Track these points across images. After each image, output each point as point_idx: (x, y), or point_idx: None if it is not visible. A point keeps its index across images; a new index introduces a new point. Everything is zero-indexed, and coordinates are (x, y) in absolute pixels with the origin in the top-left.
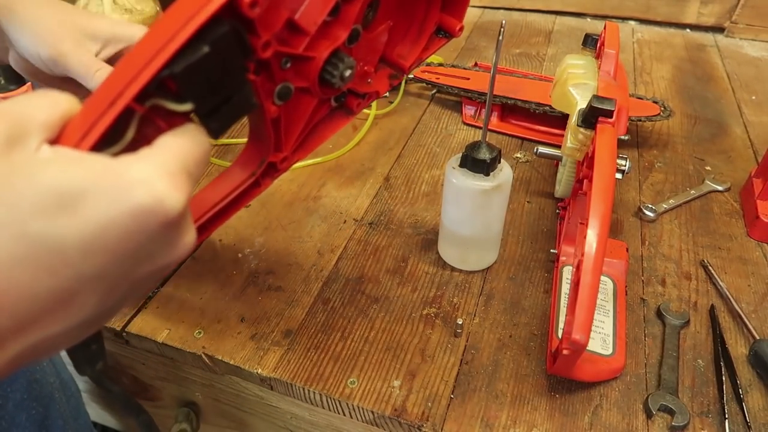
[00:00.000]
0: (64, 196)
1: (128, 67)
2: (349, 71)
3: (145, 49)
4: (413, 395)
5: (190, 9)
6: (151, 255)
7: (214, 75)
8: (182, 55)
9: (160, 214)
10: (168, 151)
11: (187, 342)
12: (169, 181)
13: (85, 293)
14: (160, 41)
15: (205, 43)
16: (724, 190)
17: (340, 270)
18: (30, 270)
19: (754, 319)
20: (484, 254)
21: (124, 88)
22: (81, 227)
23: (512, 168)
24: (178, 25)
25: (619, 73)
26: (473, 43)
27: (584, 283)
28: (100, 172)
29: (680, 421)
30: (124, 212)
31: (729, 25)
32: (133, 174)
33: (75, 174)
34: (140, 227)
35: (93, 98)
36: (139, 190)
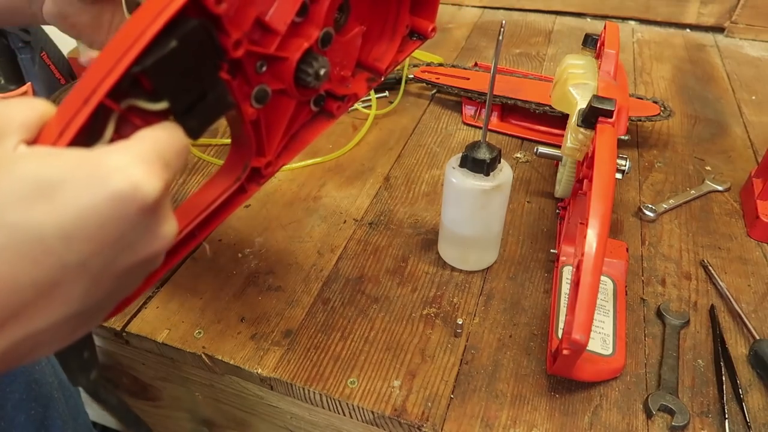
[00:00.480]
0: (41, 184)
1: (100, 66)
2: (323, 70)
3: (116, 47)
4: (413, 395)
5: (158, 6)
6: (131, 244)
7: (185, 71)
8: (151, 51)
9: (138, 200)
10: (144, 142)
11: (187, 342)
12: (145, 168)
13: (68, 283)
14: (130, 39)
15: (174, 37)
16: (724, 190)
17: (340, 270)
18: (9, 259)
19: (754, 319)
20: (484, 254)
21: (97, 86)
22: (60, 215)
23: (512, 168)
24: (147, 22)
25: (619, 73)
26: (473, 43)
27: (584, 283)
28: (76, 161)
29: (680, 421)
30: (102, 198)
31: (729, 25)
32: (110, 162)
33: (51, 164)
34: (118, 213)
35: (68, 98)
36: (115, 177)
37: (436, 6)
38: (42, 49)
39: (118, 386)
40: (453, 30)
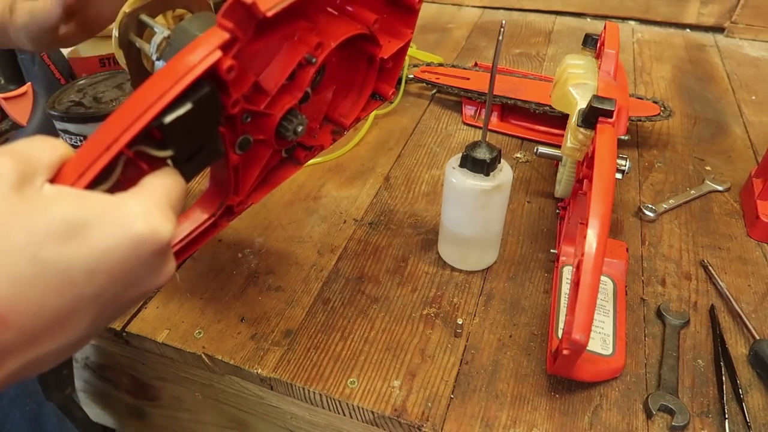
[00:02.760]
0: (73, 225)
1: (124, 117)
2: (301, 127)
3: (139, 102)
4: (413, 395)
5: (179, 71)
6: (140, 279)
7: (193, 128)
8: (170, 110)
9: (155, 243)
10: (157, 190)
11: (187, 342)
12: (161, 214)
13: (82, 313)
14: (152, 97)
15: (190, 100)
16: (724, 190)
17: (340, 270)
18: (40, 290)
19: (754, 319)
20: (484, 254)
21: (119, 136)
22: (87, 252)
23: (512, 168)
24: (169, 85)
25: (619, 73)
26: (473, 43)
27: (584, 283)
28: (102, 205)
29: (680, 421)
30: (125, 240)
31: (729, 25)
32: (132, 208)
33: (81, 207)
34: (137, 253)
35: (90, 143)
36: (137, 222)
37: (397, 74)
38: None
39: (118, 386)
40: (453, 30)
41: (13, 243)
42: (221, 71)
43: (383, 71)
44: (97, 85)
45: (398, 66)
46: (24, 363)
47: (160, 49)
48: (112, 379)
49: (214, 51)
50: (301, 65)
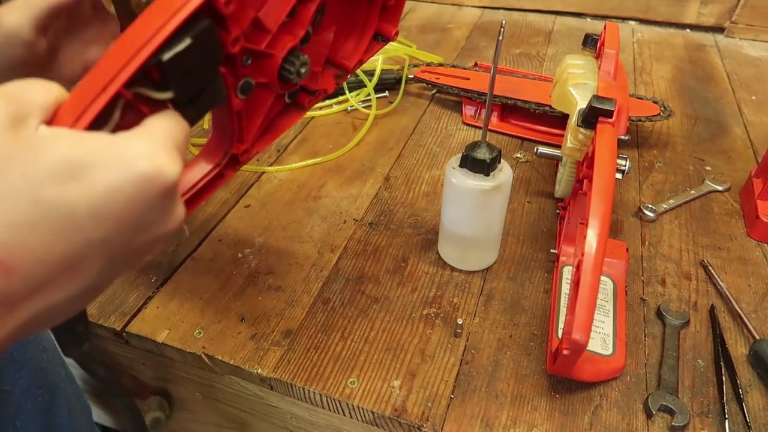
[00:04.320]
0: (75, 165)
1: (118, 56)
2: (304, 68)
3: (133, 39)
4: (413, 395)
5: (174, 5)
6: (149, 224)
7: (193, 67)
8: (168, 46)
9: (161, 182)
10: (159, 130)
11: (187, 342)
12: (166, 153)
13: (91, 259)
14: (147, 33)
15: (188, 35)
16: (724, 190)
17: (340, 270)
18: (43, 235)
19: (754, 319)
20: (484, 254)
21: (115, 75)
22: (91, 194)
23: (512, 168)
24: (164, 19)
25: (619, 73)
26: (473, 43)
27: (584, 283)
28: (103, 145)
29: (680, 421)
30: (130, 180)
31: (729, 25)
32: (136, 147)
33: (82, 146)
34: (143, 194)
35: (84, 83)
36: (142, 161)
37: (400, 12)
38: None
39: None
40: (453, 30)
41: (11, 185)
42: (219, 4)
43: (385, 9)
44: None
45: (401, 3)
46: (34, 312)
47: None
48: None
49: None
50: (302, 1)
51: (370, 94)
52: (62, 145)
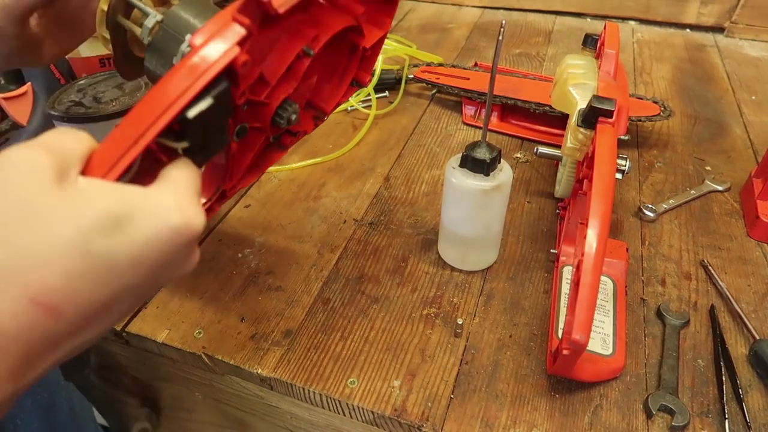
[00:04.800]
0: (117, 218)
1: (148, 112)
2: (294, 115)
3: (163, 98)
4: (413, 395)
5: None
6: (174, 267)
7: (209, 121)
8: (192, 105)
9: (190, 233)
10: (184, 182)
11: (187, 342)
12: (193, 206)
13: (124, 300)
14: (175, 92)
15: (210, 95)
16: (724, 190)
17: (340, 270)
18: (90, 282)
19: (754, 319)
20: (484, 254)
21: (145, 130)
22: (131, 244)
23: (512, 168)
24: (191, 81)
25: (619, 73)
26: (473, 43)
27: (584, 283)
28: (141, 199)
29: (680, 421)
30: (165, 232)
31: (729, 25)
32: (168, 201)
33: (122, 200)
34: (174, 243)
35: (116, 137)
36: (174, 214)
37: (374, 63)
38: None
39: (118, 386)
40: (453, 30)
41: (64, 237)
42: (237, 66)
43: (362, 59)
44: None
45: (376, 54)
46: (71, 348)
47: (153, 33)
48: (112, 379)
49: (233, 47)
50: (299, 56)
51: (370, 94)
52: (106, 200)
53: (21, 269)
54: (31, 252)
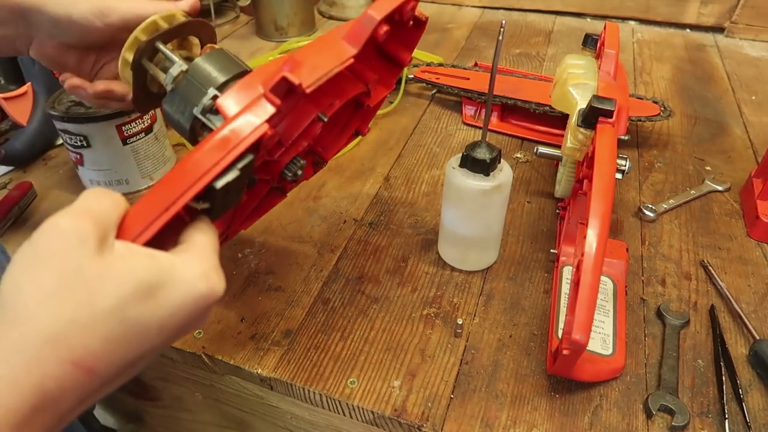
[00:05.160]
0: (150, 287)
1: (181, 182)
2: (301, 171)
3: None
4: (413, 395)
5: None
6: (193, 326)
7: (233, 188)
8: (220, 177)
9: (213, 299)
10: (208, 248)
11: (187, 342)
12: (216, 273)
13: (147, 358)
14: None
15: (237, 167)
16: (724, 190)
17: (340, 270)
18: (123, 346)
19: (754, 319)
20: (484, 254)
21: (178, 198)
22: (160, 311)
23: (512, 168)
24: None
25: (619, 73)
26: (473, 43)
27: (584, 283)
28: (171, 267)
29: (680, 421)
30: (190, 298)
31: (729, 25)
32: (195, 269)
33: (156, 269)
34: (198, 308)
35: (148, 202)
36: (200, 283)
37: (374, 115)
38: None
39: None
40: (453, 30)
41: (105, 306)
42: (265, 139)
43: (365, 112)
44: None
45: (377, 108)
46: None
47: (176, 81)
48: None
49: (263, 124)
50: (313, 120)
51: None
52: (142, 270)
53: (67, 336)
54: (77, 320)
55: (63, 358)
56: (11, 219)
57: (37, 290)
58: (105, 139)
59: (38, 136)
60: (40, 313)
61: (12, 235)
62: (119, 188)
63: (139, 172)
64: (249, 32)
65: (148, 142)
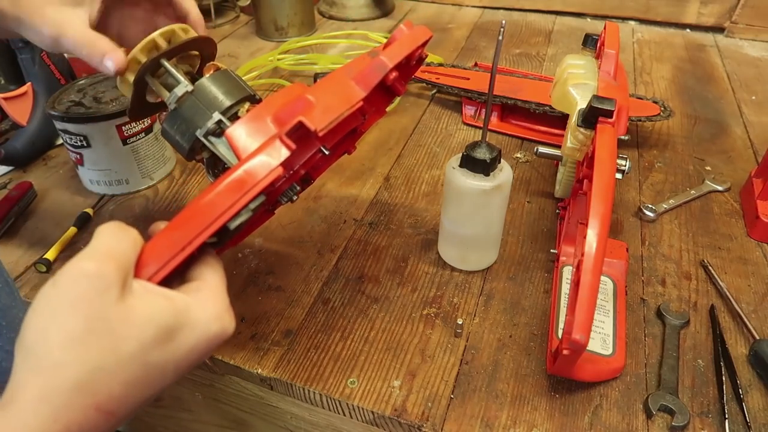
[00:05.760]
0: (169, 330)
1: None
2: (296, 196)
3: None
4: (413, 395)
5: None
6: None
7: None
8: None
9: (224, 338)
10: (218, 289)
11: None
12: (228, 313)
13: (159, 394)
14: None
15: (250, 209)
16: (724, 190)
17: (340, 270)
18: (143, 388)
19: (754, 319)
20: (484, 254)
21: (193, 239)
22: (178, 353)
23: (512, 168)
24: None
25: (619, 73)
26: (473, 43)
27: (584, 283)
28: (187, 310)
29: (680, 421)
30: (205, 339)
31: (729, 25)
32: (209, 311)
33: (173, 312)
34: (211, 347)
35: (164, 242)
36: (214, 324)
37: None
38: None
39: None
40: (453, 30)
41: (129, 351)
42: (276, 182)
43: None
44: (97, 85)
45: (366, 130)
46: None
47: (180, 101)
48: None
49: (277, 167)
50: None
51: None
52: (161, 313)
53: (93, 382)
54: (102, 366)
55: (87, 403)
56: (11, 219)
57: (63, 336)
58: (105, 139)
59: (38, 136)
60: (68, 360)
61: (12, 235)
62: (119, 188)
63: (139, 172)
64: (249, 32)
65: (148, 142)
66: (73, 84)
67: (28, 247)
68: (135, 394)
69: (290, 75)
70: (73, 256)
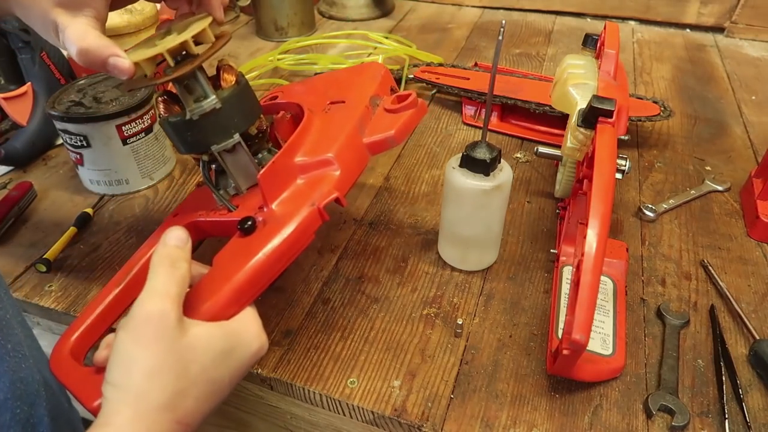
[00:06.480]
0: (224, 353)
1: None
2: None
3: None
4: (413, 395)
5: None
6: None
7: None
8: None
9: (262, 353)
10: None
11: None
12: (263, 331)
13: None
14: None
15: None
16: (724, 190)
17: (340, 270)
18: (209, 401)
19: (754, 319)
20: (484, 254)
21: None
22: (230, 369)
23: (512, 168)
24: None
25: (619, 73)
26: (473, 43)
27: (584, 283)
28: (236, 333)
29: (680, 421)
30: (250, 356)
31: (729, 25)
32: (251, 332)
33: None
34: (253, 361)
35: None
36: (255, 342)
37: None
38: (42, 49)
39: None
40: (453, 30)
41: (196, 372)
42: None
43: None
44: (97, 85)
45: None
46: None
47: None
48: None
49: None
50: None
51: None
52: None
53: (172, 402)
54: (179, 389)
55: (170, 418)
56: (11, 219)
57: (144, 372)
58: (105, 139)
59: (38, 136)
60: (151, 389)
61: (12, 235)
62: (119, 188)
63: (139, 172)
64: (249, 32)
65: (148, 142)
66: (73, 84)
67: (28, 247)
68: (203, 406)
69: (290, 75)
70: (73, 256)
